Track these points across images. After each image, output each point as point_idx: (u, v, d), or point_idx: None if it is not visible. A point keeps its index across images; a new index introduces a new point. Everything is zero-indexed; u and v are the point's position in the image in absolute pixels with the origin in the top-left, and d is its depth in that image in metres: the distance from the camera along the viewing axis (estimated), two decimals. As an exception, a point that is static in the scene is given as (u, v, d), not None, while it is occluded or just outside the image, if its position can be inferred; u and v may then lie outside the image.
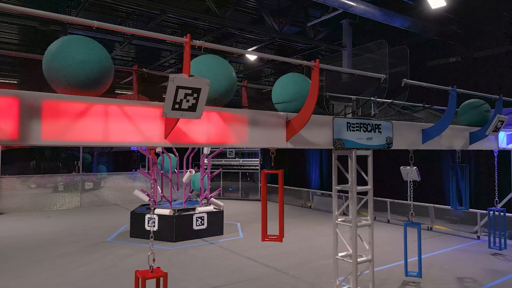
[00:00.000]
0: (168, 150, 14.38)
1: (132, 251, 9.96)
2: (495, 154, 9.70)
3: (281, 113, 5.51)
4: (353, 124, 6.36)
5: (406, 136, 7.20)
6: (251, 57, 22.69)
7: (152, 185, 12.69)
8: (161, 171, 12.13)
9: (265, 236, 5.64)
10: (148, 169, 19.07)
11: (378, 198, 15.18)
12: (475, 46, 16.02)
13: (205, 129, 4.70)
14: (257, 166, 21.75)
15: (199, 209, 11.62)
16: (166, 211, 11.18)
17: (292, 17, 17.13)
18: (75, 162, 21.81)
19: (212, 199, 12.56)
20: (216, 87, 4.70)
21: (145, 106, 4.23)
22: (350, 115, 6.66)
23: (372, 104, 6.78)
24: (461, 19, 16.83)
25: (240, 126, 5.01)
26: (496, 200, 9.75)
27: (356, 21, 18.97)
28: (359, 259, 6.46)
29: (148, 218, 11.33)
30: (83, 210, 17.42)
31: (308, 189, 18.93)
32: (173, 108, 3.90)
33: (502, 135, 9.51)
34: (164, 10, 15.12)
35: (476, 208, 11.99)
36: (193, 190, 13.44)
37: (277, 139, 5.43)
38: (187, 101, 3.94)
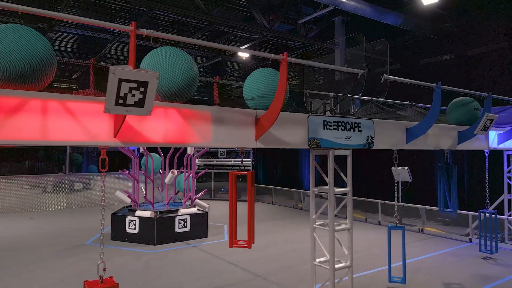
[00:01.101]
0: (153, 150, 14.02)
1: (109, 255, 9.60)
2: (486, 155, 9.34)
3: (250, 110, 5.15)
4: (330, 122, 6.01)
5: (389, 135, 6.85)
6: (243, 55, 22.30)
7: (142, 187, 12.37)
8: (143, 172, 11.76)
9: (233, 242, 5.28)
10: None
11: (369, 199, 14.85)
12: (468, 44, 15.67)
13: (162, 127, 4.35)
14: (249, 166, 21.39)
15: (182, 211, 11.26)
16: (147, 213, 10.82)
17: (283, 14, 16.80)
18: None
19: (197, 200, 12.20)
20: (174, 81, 4.35)
21: (91, 101, 3.87)
22: (327, 113, 6.30)
23: (351, 101, 6.42)
24: (455, 16, 16.50)
25: (202, 124, 4.65)
26: (487, 202, 9.40)
27: (349, 18, 18.63)
28: (337, 265, 6.11)
29: (129, 220, 10.97)
30: (69, 211, 17.05)
31: (299, 190, 18.57)
32: (117, 104, 3.54)
33: (493, 135, 9.16)
34: (151, 7, 14.79)
35: (469, 210, 11.64)
36: (178, 191, 13.08)
37: (245, 138, 5.07)
38: (133, 95, 3.58)
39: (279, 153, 23.33)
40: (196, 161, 22.48)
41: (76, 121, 3.80)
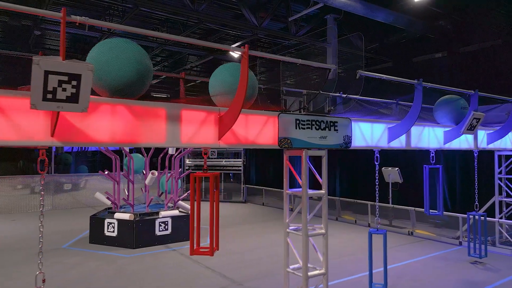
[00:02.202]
0: (137, 150, 13.66)
1: (83, 259, 9.24)
2: (475, 155, 8.99)
3: (212, 107, 4.79)
4: (303, 121, 5.66)
5: (368, 134, 6.49)
6: (235, 54, 21.93)
7: (124, 188, 12.01)
8: (122, 173, 11.39)
9: (194, 249, 4.92)
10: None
11: (359, 201, 14.50)
12: (461, 41, 15.33)
13: (108, 125, 3.99)
14: (240, 166, 21.03)
15: (163, 213, 10.90)
16: (126, 216, 10.46)
17: (273, 12, 16.45)
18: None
19: (180, 202, 11.84)
20: (121, 75, 3.99)
21: (23, 97, 3.51)
22: (302, 111, 5.94)
23: (327, 99, 6.07)
24: (448, 14, 16.16)
25: (156, 123, 4.30)
26: (476, 205, 9.04)
27: (341, 16, 18.25)
28: (311, 273, 5.76)
29: (108, 222, 10.61)
30: (54, 212, 16.68)
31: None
32: (45, 99, 3.18)
33: (482, 134, 8.81)
34: (136, 4, 14.44)
35: (463, 212, 11.27)
36: (162, 193, 12.71)
37: (207, 137, 4.72)
38: (64, 90, 3.22)
39: (271, 153, 22.96)
40: (187, 162, 22.18)
41: (6, 119, 3.44)
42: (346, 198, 15.42)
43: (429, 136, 7.50)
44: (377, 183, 7.20)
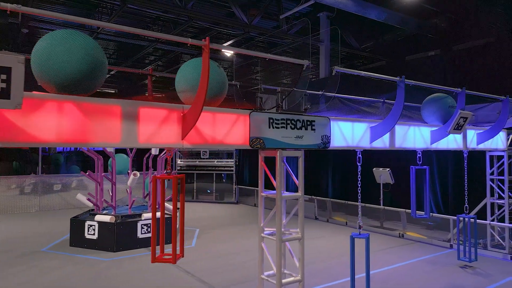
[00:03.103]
0: (122, 150, 13.36)
1: (61, 264, 8.94)
2: (465, 155, 8.69)
3: (175, 104, 4.49)
4: (277, 120, 5.36)
5: (349, 134, 6.19)
6: (228, 52, 21.61)
7: (109, 189, 11.68)
8: (103, 174, 11.07)
9: (155, 256, 4.63)
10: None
11: (350, 202, 14.20)
12: (455, 39, 15.05)
13: (55, 124, 3.69)
14: (233, 167, 20.73)
15: (145, 215, 10.60)
16: (106, 218, 10.15)
17: (264, 9, 16.16)
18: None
19: (165, 204, 11.51)
20: (69, 70, 3.68)
21: (-47, 92, 3.20)
22: (277, 109, 5.65)
23: (303, 96, 5.77)
24: (443, 12, 15.87)
25: (110, 121, 3.99)
26: (466, 207, 8.75)
27: (334, 14, 17.94)
28: (286, 280, 5.46)
29: (88, 225, 10.31)
30: (40, 214, 16.38)
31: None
32: (-30, 94, 2.89)
33: (472, 134, 8.51)
34: (124, 1, 14.17)
35: (455, 214, 10.94)
36: (147, 194, 12.39)
37: (168, 137, 4.42)
38: (-9, 84, 2.92)
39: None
40: (178, 162, 21.86)
41: None
42: (338, 200, 15.12)
43: (415, 136, 7.20)
44: (359, 185, 6.91)
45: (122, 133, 4.06)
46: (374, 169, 13.63)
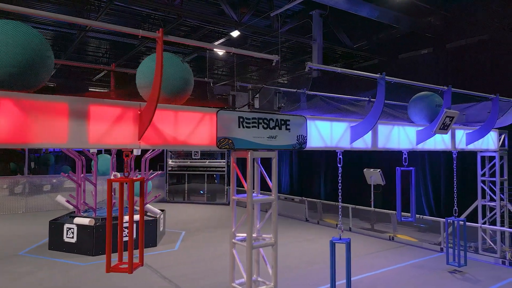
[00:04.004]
0: (106, 150, 13.04)
1: (35, 268, 8.61)
2: (454, 156, 8.38)
3: (130, 102, 4.17)
4: (248, 119, 5.04)
5: (327, 134, 5.88)
6: (219, 51, 21.28)
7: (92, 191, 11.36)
8: (83, 175, 10.75)
9: (110, 265, 4.32)
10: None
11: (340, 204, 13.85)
12: (449, 37, 14.75)
13: (-11, 122, 3.36)
14: (224, 167, 20.39)
15: (126, 217, 10.25)
16: (85, 221, 9.83)
17: (254, 6, 15.85)
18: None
19: (148, 206, 11.21)
20: (3, 62, 3.37)
21: None
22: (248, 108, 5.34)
23: (277, 94, 5.46)
24: (437, 10, 15.57)
25: (55, 120, 3.68)
26: (455, 209, 8.43)
27: (326, 12, 17.63)
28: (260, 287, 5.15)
29: (67, 228, 9.99)
30: (27, 215, 16.07)
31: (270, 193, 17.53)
32: None
33: (461, 134, 8.20)
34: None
35: (448, 216, 10.63)
36: (132, 195, 12.05)
37: (123, 136, 4.10)
38: None
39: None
40: (169, 162, 21.53)
41: None
42: (330, 201, 14.80)
43: (399, 136, 6.89)
44: (340, 187, 6.60)
45: (69, 133, 3.74)
46: (365, 170, 13.32)
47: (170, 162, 21.09)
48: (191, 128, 4.58)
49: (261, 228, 6.00)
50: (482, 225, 9.49)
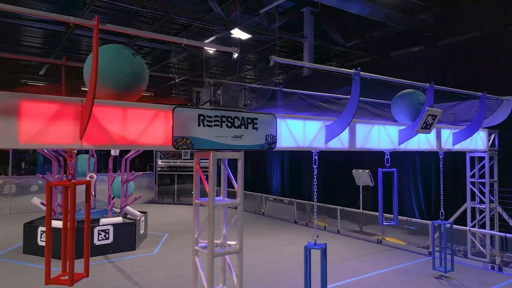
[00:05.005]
0: (86, 150, 12.67)
1: (6, 273, 8.26)
2: (440, 157, 8.01)
3: (71, 98, 3.81)
4: (210, 117, 4.68)
5: (299, 133, 5.52)
6: (210, 50, 20.86)
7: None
8: (57, 176, 10.37)
9: (49, 276, 3.96)
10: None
11: (328, 205, 13.52)
12: (443, 35, 14.39)
13: None
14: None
15: (103, 220, 9.91)
16: (59, 223, 9.44)
17: (243, 3, 15.49)
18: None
19: (128, 208, 10.85)
20: None
21: None
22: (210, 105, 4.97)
23: (243, 91, 5.10)
24: (430, 7, 15.20)
25: (-21, 117, 3.30)
26: (442, 212, 8.07)
27: (317, 9, 17.26)
28: (221, 299, 4.79)
29: (41, 231, 9.62)
30: (11, 216, 15.73)
31: (261, 194, 17.21)
32: None
33: (447, 134, 7.84)
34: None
35: (436, 219, 10.27)
36: (114, 197, 11.69)
37: (61, 136, 3.73)
38: None
39: (248, 154, 21.96)
40: (159, 163, 21.14)
41: None
42: (318, 203, 14.43)
43: (379, 136, 6.53)
44: (315, 190, 6.23)
45: (-5, 131, 3.38)
46: (353, 170, 12.96)
47: (159, 162, 20.72)
48: (143, 127, 4.21)
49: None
50: (471, 229, 9.13)
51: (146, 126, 4.24)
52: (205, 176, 4.97)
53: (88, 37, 18.61)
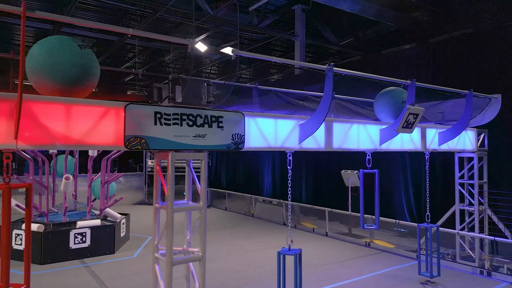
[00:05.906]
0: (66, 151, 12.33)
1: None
2: (427, 157, 7.69)
3: (4, 93, 3.47)
4: (168, 114, 4.35)
5: (270, 133, 5.18)
6: (201, 48, 20.36)
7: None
8: (32, 178, 10.01)
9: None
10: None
11: (316, 207, 13.19)
12: (436, 32, 14.08)
13: None
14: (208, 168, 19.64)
15: (80, 223, 9.57)
16: (34, 226, 9.12)
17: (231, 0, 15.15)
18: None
19: (108, 210, 10.51)
20: None
21: None
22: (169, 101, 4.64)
23: (207, 87, 4.76)
24: (422, 4, 14.89)
25: None
26: (428, 215, 7.75)
27: (309, 7, 16.93)
28: (180, 311, 4.45)
29: (16, 234, 9.29)
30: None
31: (251, 195, 16.87)
32: None
33: (433, 133, 7.51)
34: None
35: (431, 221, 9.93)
36: (95, 199, 11.36)
37: (-7, 135, 3.38)
38: None
39: (240, 155, 21.61)
40: (149, 163, 20.79)
41: None
42: (307, 204, 14.11)
43: (359, 135, 6.20)
44: (289, 191, 5.90)
45: None
46: (342, 171, 12.64)
47: (149, 162, 20.37)
48: (91, 125, 3.88)
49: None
50: (460, 232, 8.81)
51: (94, 125, 3.91)
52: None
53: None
